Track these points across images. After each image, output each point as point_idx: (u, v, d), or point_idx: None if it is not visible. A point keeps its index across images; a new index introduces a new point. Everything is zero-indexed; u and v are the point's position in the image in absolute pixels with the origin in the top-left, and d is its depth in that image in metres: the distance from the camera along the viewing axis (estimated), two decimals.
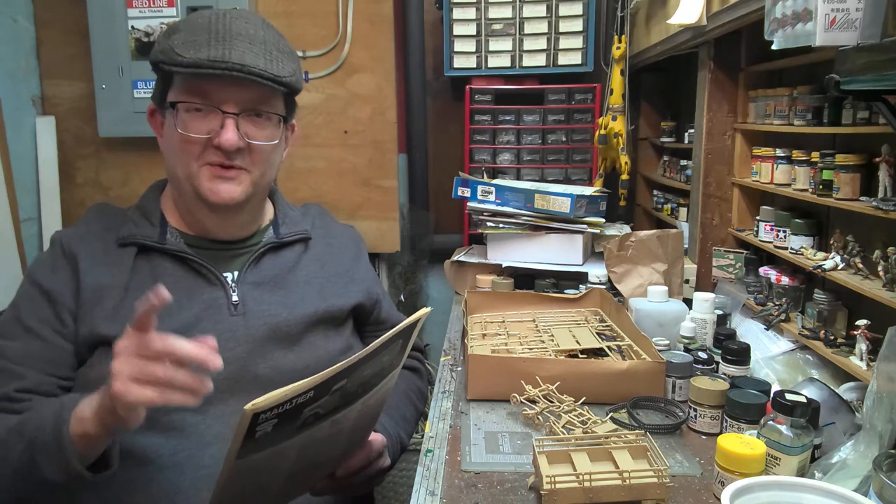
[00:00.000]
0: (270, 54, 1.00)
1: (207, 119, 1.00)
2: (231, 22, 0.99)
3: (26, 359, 0.97)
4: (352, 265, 1.22)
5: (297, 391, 0.70)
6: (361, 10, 2.02)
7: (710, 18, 1.48)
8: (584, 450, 0.91)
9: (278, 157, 1.11)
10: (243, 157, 1.02)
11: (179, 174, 1.03)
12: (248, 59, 0.97)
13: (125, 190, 2.03)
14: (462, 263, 1.88)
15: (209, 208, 1.05)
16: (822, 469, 0.86)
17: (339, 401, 0.80)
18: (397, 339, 0.85)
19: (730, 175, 1.67)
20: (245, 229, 1.13)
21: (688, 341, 1.29)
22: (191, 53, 0.96)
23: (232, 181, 1.02)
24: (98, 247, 1.05)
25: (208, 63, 0.95)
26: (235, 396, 1.00)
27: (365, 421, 0.94)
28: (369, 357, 0.79)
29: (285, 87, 1.02)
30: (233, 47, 0.96)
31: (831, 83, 0.89)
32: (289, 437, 0.76)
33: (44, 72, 2.02)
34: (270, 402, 0.68)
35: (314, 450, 0.84)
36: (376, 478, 1.07)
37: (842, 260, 1.19)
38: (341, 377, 0.76)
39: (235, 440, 0.70)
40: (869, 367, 1.06)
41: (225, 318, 1.04)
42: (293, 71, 1.04)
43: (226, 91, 0.99)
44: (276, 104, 1.05)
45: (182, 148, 1.01)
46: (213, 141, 0.99)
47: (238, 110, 1.00)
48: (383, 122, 2.07)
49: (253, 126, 1.02)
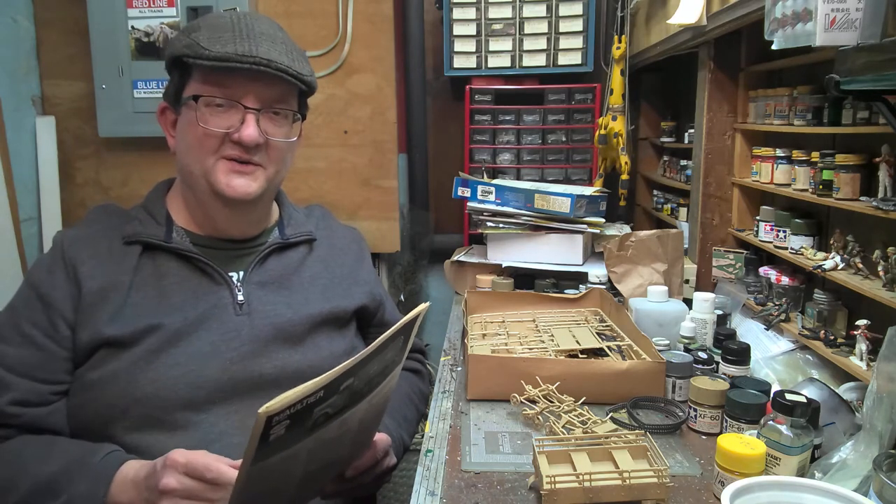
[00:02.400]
0: (292, 54, 1.03)
1: (228, 114, 1.01)
2: (252, 23, 1.02)
3: (19, 365, 0.97)
4: (355, 267, 1.22)
5: (307, 391, 0.70)
6: (361, 10, 2.02)
7: (710, 18, 1.48)
8: (584, 450, 0.91)
9: (291, 157, 1.12)
10: (261, 153, 1.04)
11: (195, 169, 1.04)
12: (274, 56, 0.99)
13: (125, 190, 2.03)
14: (462, 263, 1.88)
15: (223, 203, 1.05)
16: (822, 469, 0.86)
17: (347, 399, 0.80)
18: (399, 335, 0.85)
19: (730, 175, 1.67)
20: (254, 227, 1.13)
21: (688, 341, 1.29)
22: (218, 48, 0.97)
23: (248, 176, 1.03)
24: (102, 246, 1.05)
25: (236, 57, 0.97)
26: (239, 395, 1.01)
27: (370, 420, 0.94)
28: (375, 354, 0.80)
29: (306, 86, 1.05)
30: (259, 44, 0.99)
31: (831, 83, 0.89)
32: (300, 438, 0.76)
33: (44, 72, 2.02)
34: (283, 404, 0.68)
35: (324, 451, 0.84)
36: (384, 476, 1.07)
37: (842, 260, 1.19)
38: (349, 375, 0.76)
39: (251, 445, 0.69)
40: (869, 367, 1.06)
41: (230, 318, 1.04)
42: (311, 72, 1.07)
43: (249, 86, 1.00)
44: (294, 103, 1.08)
45: (200, 143, 1.01)
46: (232, 136, 1.00)
47: (259, 106, 1.01)
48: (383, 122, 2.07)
49: (271, 123, 1.04)
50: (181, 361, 0.99)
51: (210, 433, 0.98)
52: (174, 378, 0.97)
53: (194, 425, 0.97)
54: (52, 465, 0.91)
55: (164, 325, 0.99)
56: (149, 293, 1.02)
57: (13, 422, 0.96)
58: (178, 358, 0.99)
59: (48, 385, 0.98)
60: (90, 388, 0.97)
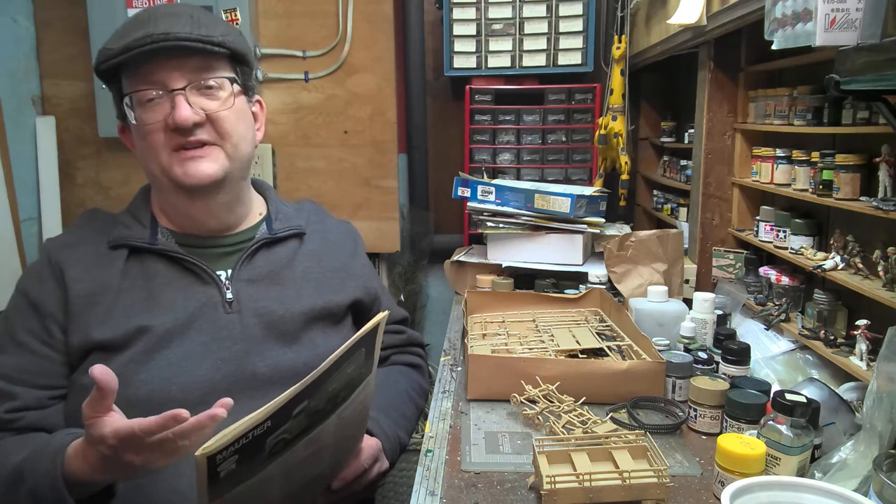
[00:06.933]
0: (197, 21, 1.00)
1: (160, 105, 0.99)
2: (157, 9, 1.00)
3: (17, 373, 0.98)
4: (349, 261, 1.21)
5: (251, 424, 0.68)
6: (361, 10, 2.02)
7: (710, 18, 1.48)
8: (584, 450, 0.91)
9: (247, 128, 1.08)
10: (208, 131, 1.01)
11: (154, 171, 1.03)
12: (173, 28, 0.97)
13: (125, 190, 2.03)
14: (462, 263, 1.88)
15: (189, 195, 1.03)
16: (822, 469, 0.86)
17: (308, 421, 0.78)
18: (359, 346, 0.82)
19: (730, 175, 1.67)
20: (231, 213, 1.11)
21: (688, 341, 1.29)
22: (118, 43, 0.97)
23: (204, 159, 1.01)
24: (88, 251, 1.05)
25: (135, 43, 0.96)
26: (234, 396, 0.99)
27: (349, 431, 0.92)
28: (330, 371, 0.77)
29: (219, 47, 1.00)
30: (157, 24, 0.97)
31: (831, 83, 0.89)
32: (261, 467, 0.74)
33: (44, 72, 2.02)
34: (224, 442, 0.66)
35: (300, 471, 0.83)
36: (376, 482, 1.06)
37: (842, 260, 1.19)
38: (301, 399, 0.74)
39: (200, 486, 0.67)
40: (869, 367, 1.06)
41: (220, 317, 1.03)
42: (225, 32, 1.02)
43: (165, 68, 0.98)
44: (222, 69, 1.04)
45: (147, 143, 1.00)
46: (169, 123, 0.99)
47: (184, 84, 0.99)
48: (383, 122, 2.07)
49: (204, 97, 1.01)
50: (173, 362, 0.98)
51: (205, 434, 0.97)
52: (167, 379, 0.97)
53: None
54: (20, 455, 0.90)
55: (155, 327, 0.99)
56: (137, 296, 1.02)
57: (11, 426, 0.96)
58: (169, 359, 0.98)
59: (47, 391, 0.99)
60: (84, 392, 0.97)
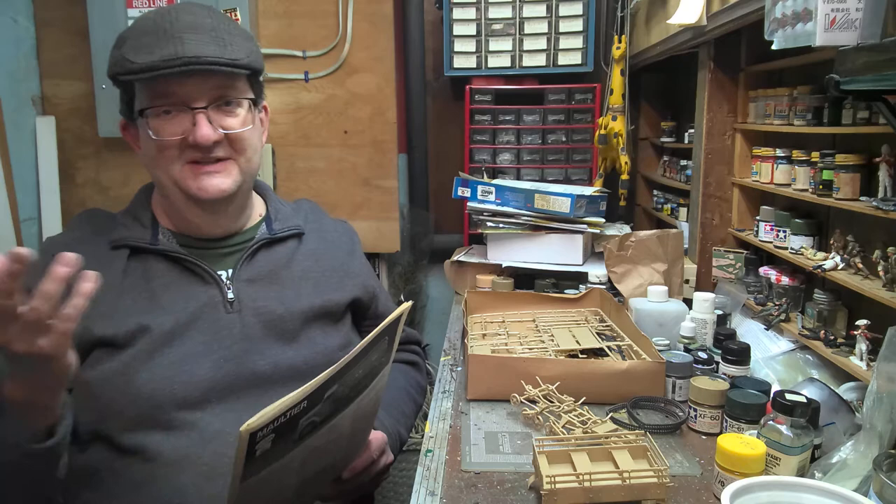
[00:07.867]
0: (223, 40, 0.99)
1: (178, 119, 0.99)
2: (177, 16, 0.98)
3: None
4: (347, 259, 1.21)
5: (290, 403, 0.69)
6: (361, 10, 2.02)
7: (710, 18, 1.48)
8: (584, 450, 0.91)
9: (259, 141, 1.10)
10: (224, 148, 1.02)
11: (164, 180, 1.03)
12: (202, 50, 0.96)
13: (125, 190, 2.03)
14: (462, 263, 1.88)
15: (200, 207, 1.04)
16: (822, 469, 0.86)
17: (333, 406, 0.79)
18: (383, 336, 0.84)
19: (730, 175, 1.67)
20: (235, 221, 1.12)
21: (688, 341, 1.29)
22: (143, 58, 0.95)
23: (219, 174, 1.02)
24: (89, 251, 1.04)
25: (163, 63, 0.94)
26: (235, 393, 1.01)
27: (362, 422, 0.93)
28: (358, 358, 0.79)
29: (244, 70, 1.01)
30: (184, 42, 0.95)
31: (831, 83, 0.89)
32: (289, 449, 0.75)
33: (44, 72, 2.02)
34: (265, 419, 0.67)
35: (317, 457, 0.84)
36: (382, 474, 1.07)
37: (842, 260, 1.19)
38: (333, 382, 0.75)
39: (237, 464, 0.68)
40: (869, 367, 1.06)
41: (221, 316, 1.04)
42: (249, 51, 1.02)
43: (188, 87, 0.98)
44: (242, 88, 1.04)
45: (161, 154, 1.00)
46: (188, 140, 0.99)
47: (206, 103, 0.99)
48: (383, 122, 2.07)
49: (225, 116, 1.02)
50: (175, 361, 0.99)
51: (207, 432, 0.98)
52: (168, 378, 0.97)
53: (191, 424, 0.97)
54: None
55: (156, 327, 0.99)
56: (139, 295, 1.02)
57: None
58: (171, 358, 0.99)
59: None
60: (86, 389, 0.98)
